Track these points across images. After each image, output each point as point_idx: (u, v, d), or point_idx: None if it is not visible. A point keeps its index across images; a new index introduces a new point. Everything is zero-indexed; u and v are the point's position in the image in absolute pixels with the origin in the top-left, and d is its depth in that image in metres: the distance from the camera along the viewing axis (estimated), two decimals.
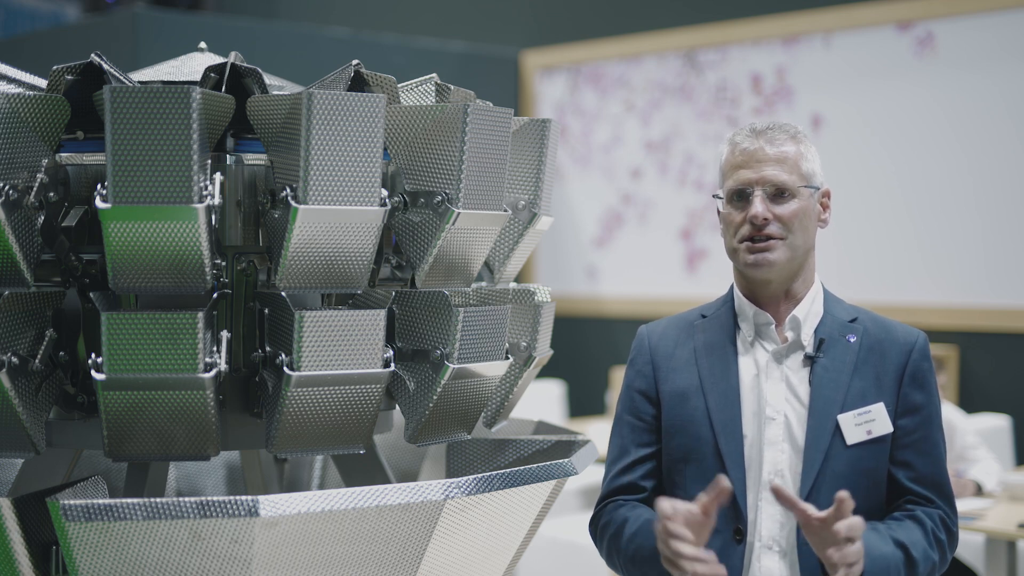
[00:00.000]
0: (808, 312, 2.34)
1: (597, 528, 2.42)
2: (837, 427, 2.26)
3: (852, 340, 2.32)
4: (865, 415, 2.26)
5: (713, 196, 2.40)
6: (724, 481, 2.06)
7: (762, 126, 2.34)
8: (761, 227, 2.28)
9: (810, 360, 2.31)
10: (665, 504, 2.09)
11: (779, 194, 2.29)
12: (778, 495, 2.06)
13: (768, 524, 2.27)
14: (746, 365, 2.34)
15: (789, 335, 2.33)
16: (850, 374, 2.29)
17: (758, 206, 2.27)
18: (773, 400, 2.30)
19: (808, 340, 2.33)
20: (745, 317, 2.37)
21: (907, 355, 2.31)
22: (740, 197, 2.31)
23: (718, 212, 2.38)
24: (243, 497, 2.09)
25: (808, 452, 2.25)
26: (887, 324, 2.36)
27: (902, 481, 2.29)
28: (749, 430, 2.30)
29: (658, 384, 2.39)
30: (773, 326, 2.34)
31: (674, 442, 2.35)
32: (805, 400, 2.29)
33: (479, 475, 2.29)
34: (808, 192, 2.31)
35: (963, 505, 4.41)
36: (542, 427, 3.07)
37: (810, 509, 2.07)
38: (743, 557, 2.26)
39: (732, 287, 2.42)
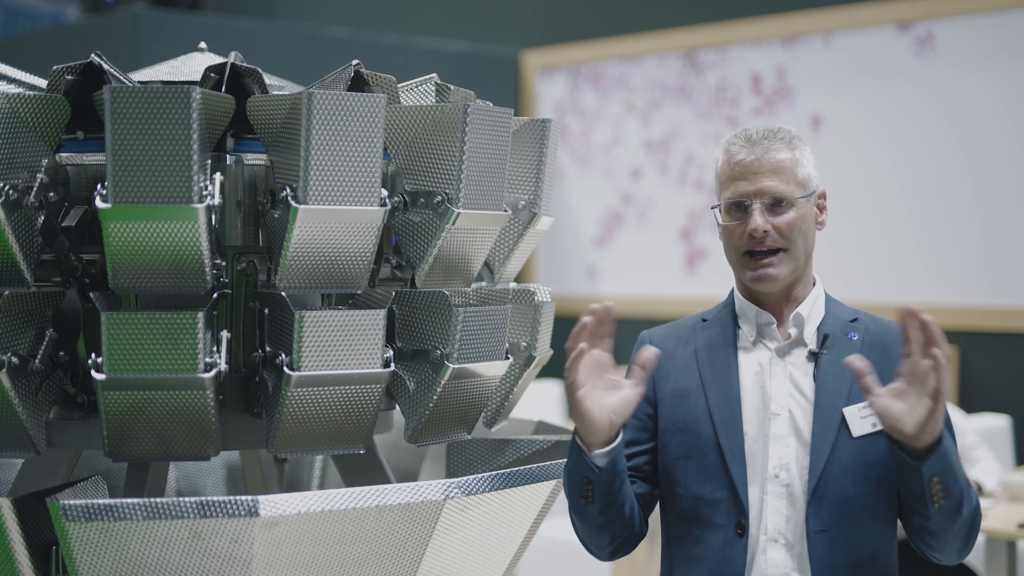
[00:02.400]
0: (811, 311, 2.37)
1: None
2: (843, 420, 2.28)
3: (854, 338, 2.35)
4: (870, 407, 2.28)
5: (711, 208, 2.41)
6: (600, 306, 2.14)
7: (757, 134, 2.34)
8: (761, 240, 2.29)
9: (814, 356, 2.33)
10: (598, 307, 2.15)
11: (777, 204, 2.31)
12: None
13: (774, 517, 2.29)
14: (747, 364, 2.36)
15: (792, 332, 2.35)
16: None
17: (757, 219, 2.29)
18: (777, 396, 2.32)
19: (811, 337, 2.35)
20: (747, 318, 2.39)
21: None
22: (738, 208, 2.33)
23: (716, 221, 2.39)
24: (243, 497, 2.09)
25: (815, 445, 2.27)
26: (887, 324, 2.39)
27: None
28: (751, 427, 2.32)
29: (657, 384, 2.41)
30: (775, 325, 2.36)
31: (675, 440, 2.36)
32: (809, 395, 2.31)
33: (479, 475, 2.29)
34: (805, 200, 2.32)
35: None
36: (542, 427, 3.07)
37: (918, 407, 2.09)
38: (746, 550, 2.28)
39: (732, 290, 2.44)
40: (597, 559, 2.42)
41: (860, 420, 2.28)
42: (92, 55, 2.39)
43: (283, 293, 2.34)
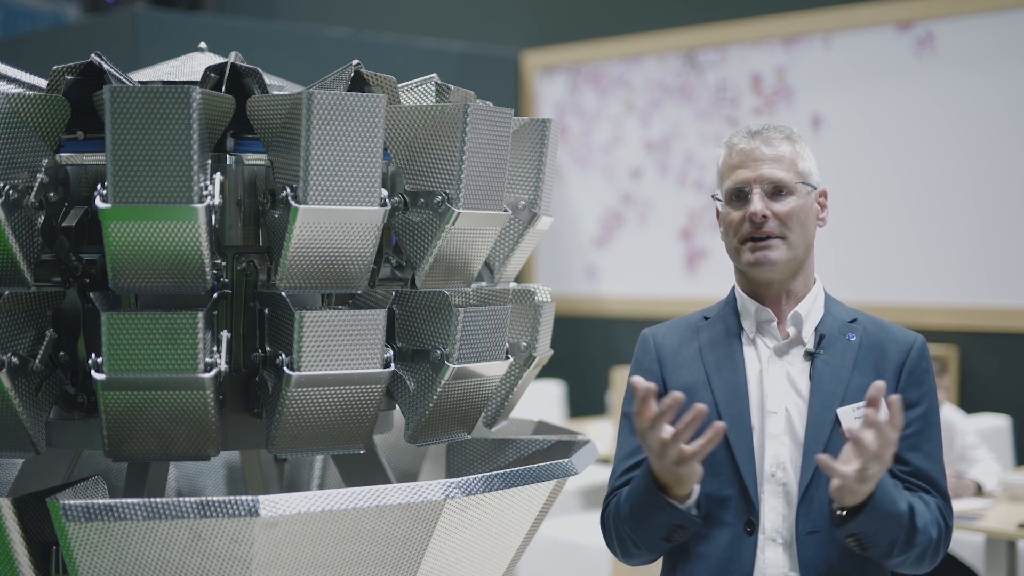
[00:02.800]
0: (810, 310, 2.37)
1: (606, 521, 2.42)
2: (837, 420, 2.29)
3: (852, 338, 2.35)
4: (864, 408, 2.28)
5: (712, 197, 2.41)
6: (720, 426, 2.11)
7: (758, 127, 2.38)
8: (760, 225, 2.30)
9: (811, 356, 2.33)
10: (639, 380, 2.12)
11: (777, 191, 2.32)
12: (825, 467, 2.09)
13: (771, 516, 2.29)
14: (750, 360, 2.36)
15: (791, 331, 2.35)
16: (850, 370, 2.32)
17: (757, 203, 2.30)
18: (774, 394, 2.32)
19: (809, 337, 2.36)
20: (747, 314, 2.39)
21: (906, 354, 2.34)
22: (739, 196, 2.33)
23: (717, 214, 2.40)
24: (243, 497, 2.09)
25: (808, 445, 2.28)
26: (886, 325, 2.40)
27: (898, 476, 2.31)
28: (755, 423, 2.32)
29: (665, 380, 2.41)
30: (774, 323, 2.37)
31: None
32: (805, 394, 2.31)
33: (479, 475, 2.29)
34: (806, 189, 2.33)
35: (963, 505, 4.41)
36: (542, 427, 3.07)
37: (844, 469, 2.10)
38: (755, 549, 2.28)
39: (733, 288, 2.44)
40: (627, 565, 2.44)
41: (854, 421, 2.28)
42: (92, 55, 2.39)
43: (283, 293, 2.34)
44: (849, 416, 2.28)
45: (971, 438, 4.86)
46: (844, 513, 2.16)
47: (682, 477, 2.16)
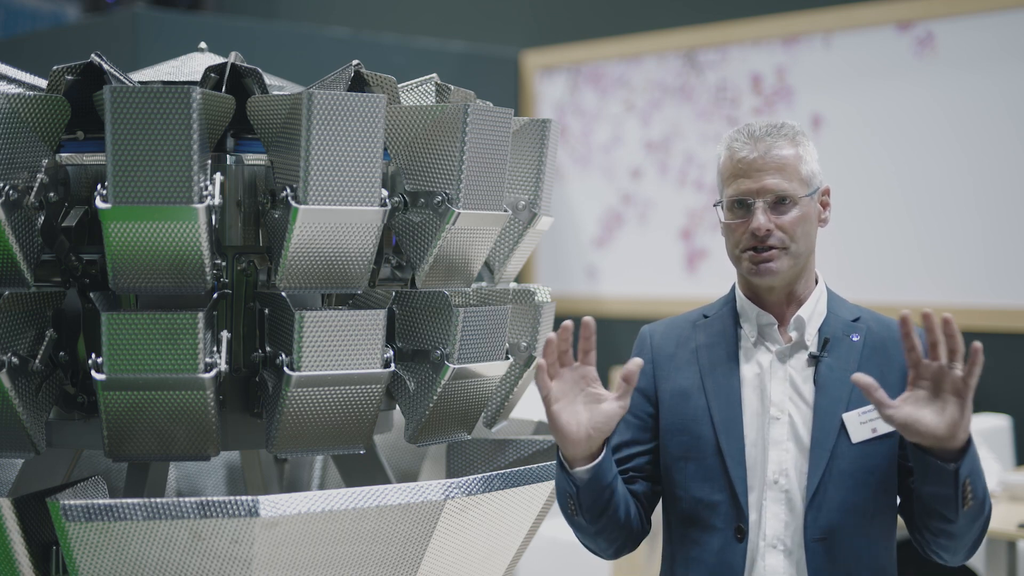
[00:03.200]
0: (812, 312, 2.34)
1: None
2: (842, 425, 2.26)
3: (856, 339, 2.32)
4: (870, 412, 2.26)
5: (714, 205, 2.39)
6: (568, 324, 2.08)
7: (760, 130, 2.31)
8: (764, 238, 2.27)
9: (814, 360, 2.31)
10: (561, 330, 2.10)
11: (780, 202, 2.28)
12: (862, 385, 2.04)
13: (773, 523, 2.27)
14: (748, 365, 2.34)
15: (793, 335, 2.32)
16: (854, 372, 2.29)
17: (760, 219, 2.26)
18: (777, 400, 2.30)
19: (812, 340, 2.33)
20: (748, 318, 2.36)
21: None
22: (741, 206, 2.30)
23: (719, 217, 2.37)
24: (243, 497, 2.09)
25: (814, 451, 2.25)
26: (889, 323, 2.36)
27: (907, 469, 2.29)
28: (750, 430, 2.30)
29: (658, 383, 2.39)
30: (776, 326, 2.34)
31: (675, 440, 2.35)
32: (809, 399, 2.29)
33: (479, 475, 2.29)
34: (809, 199, 2.30)
35: None
36: (542, 427, 3.07)
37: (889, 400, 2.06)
38: (745, 556, 2.27)
39: (734, 287, 2.42)
40: (601, 559, 2.41)
41: (860, 426, 2.26)
42: (92, 55, 2.39)
43: (283, 293, 2.34)
44: (855, 421, 2.26)
45: None
46: (952, 461, 2.07)
47: (560, 426, 2.12)
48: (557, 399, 2.13)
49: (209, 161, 2.33)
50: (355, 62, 2.48)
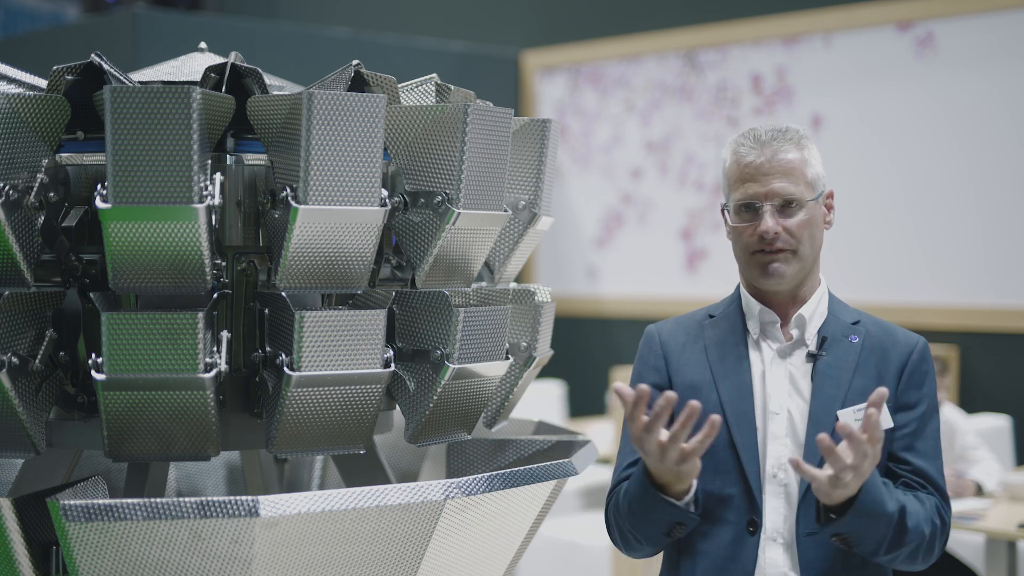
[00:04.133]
0: (814, 312, 2.38)
1: (608, 517, 2.43)
2: (837, 422, 2.28)
3: (855, 340, 2.36)
4: (864, 410, 2.28)
5: (722, 208, 2.41)
6: (717, 419, 2.11)
7: (766, 134, 2.34)
8: (772, 241, 2.30)
9: (813, 358, 2.33)
10: (623, 388, 2.11)
11: (787, 205, 2.31)
12: (796, 468, 2.12)
13: (772, 516, 2.29)
14: (754, 361, 2.37)
15: (794, 333, 2.36)
16: (851, 372, 2.32)
17: (768, 222, 2.29)
18: (776, 395, 2.33)
19: (812, 339, 2.36)
20: (752, 315, 2.40)
21: (907, 355, 2.35)
22: (748, 210, 2.33)
23: (725, 222, 2.39)
24: (243, 497, 2.09)
25: (809, 447, 2.28)
26: (889, 328, 2.40)
27: (895, 474, 2.32)
28: (758, 424, 2.33)
29: (671, 377, 2.41)
30: (778, 324, 2.37)
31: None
32: (807, 396, 2.32)
33: (479, 475, 2.29)
34: (815, 202, 2.33)
35: (963, 505, 4.41)
36: (542, 427, 3.07)
37: (816, 472, 2.13)
38: (757, 548, 2.28)
39: (738, 286, 2.45)
40: (630, 557, 2.47)
41: (854, 423, 2.28)
42: (92, 55, 2.39)
43: (283, 293, 2.33)
44: (850, 418, 2.29)
45: (971, 438, 4.86)
46: (831, 514, 2.17)
47: (683, 474, 2.17)
48: (681, 456, 2.14)
49: (209, 161, 2.33)
50: (355, 62, 2.48)
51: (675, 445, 2.11)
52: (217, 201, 2.23)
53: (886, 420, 2.30)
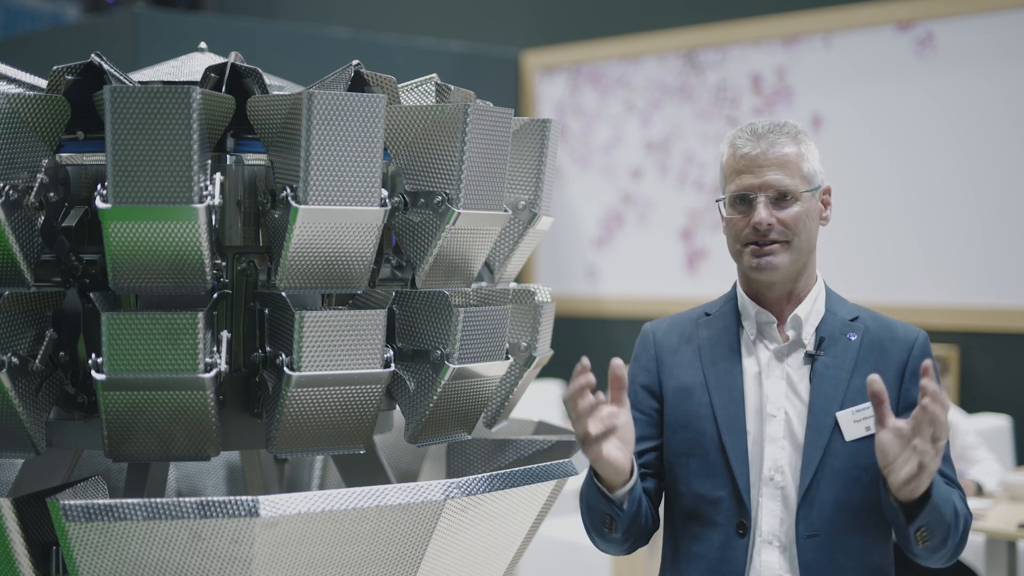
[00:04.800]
0: (810, 311, 2.36)
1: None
2: (836, 424, 2.28)
3: (853, 338, 2.34)
4: (863, 411, 2.28)
5: (716, 201, 2.41)
6: (584, 361, 2.12)
7: (763, 128, 2.34)
8: (765, 232, 2.29)
9: (811, 358, 2.32)
10: (579, 368, 2.13)
11: (782, 198, 2.30)
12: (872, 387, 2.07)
13: (768, 519, 2.28)
14: (748, 363, 2.36)
15: (790, 334, 2.34)
16: (850, 371, 2.31)
17: (762, 213, 2.28)
18: (774, 397, 2.31)
19: (809, 339, 2.34)
20: (748, 316, 2.38)
21: (908, 352, 2.33)
22: (743, 201, 2.32)
23: (720, 214, 2.39)
24: (243, 497, 2.09)
25: (807, 449, 2.27)
26: (888, 323, 2.38)
27: None
28: (751, 427, 2.31)
29: (662, 379, 2.40)
30: (775, 325, 2.35)
31: (677, 437, 2.36)
32: (805, 397, 2.30)
33: (479, 475, 2.29)
34: (810, 195, 2.32)
35: None
36: (542, 427, 3.07)
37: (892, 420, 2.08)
38: (746, 551, 2.28)
39: (735, 285, 2.43)
40: (611, 555, 2.46)
41: (853, 424, 2.28)
42: (92, 55, 2.39)
43: (283, 293, 2.33)
44: (848, 419, 2.28)
45: (971, 438, 4.87)
46: (910, 508, 2.13)
47: (609, 458, 2.16)
48: (599, 440, 2.14)
49: (209, 161, 2.33)
50: (355, 62, 2.48)
51: (581, 421, 2.11)
52: (217, 201, 2.23)
53: None
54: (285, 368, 2.26)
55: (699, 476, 2.32)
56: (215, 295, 2.39)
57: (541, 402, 6.44)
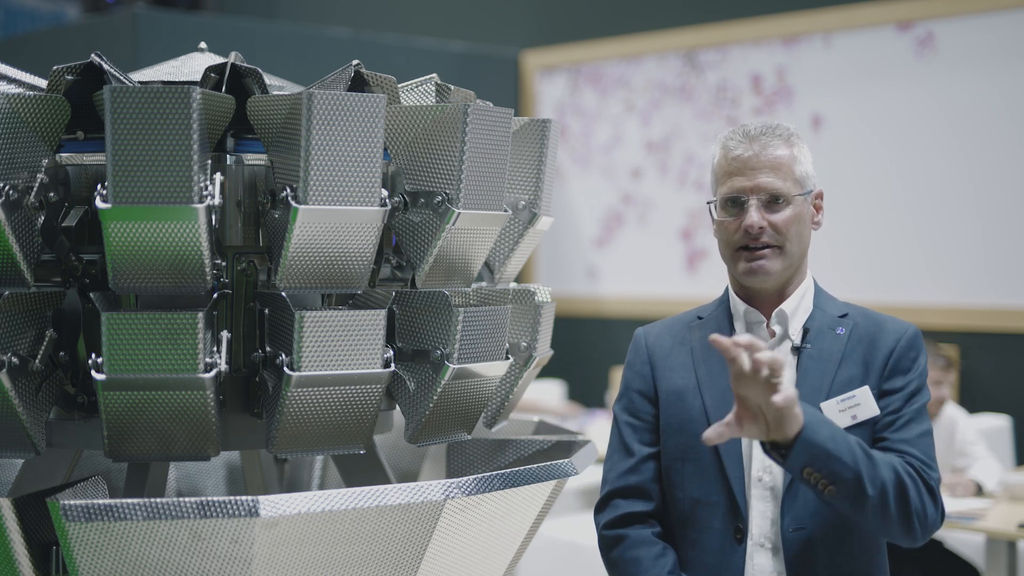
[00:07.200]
0: (797, 307, 2.34)
1: (607, 543, 2.38)
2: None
3: (841, 332, 2.32)
4: (849, 400, 2.26)
5: (708, 203, 2.40)
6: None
7: (755, 130, 2.32)
8: (757, 236, 2.28)
9: (797, 351, 2.31)
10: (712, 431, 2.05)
11: (774, 201, 2.29)
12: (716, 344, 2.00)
13: (759, 521, 2.27)
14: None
15: (776, 328, 2.33)
16: (837, 363, 2.29)
17: (754, 216, 2.27)
18: None
19: (797, 334, 2.33)
20: (737, 316, 2.38)
21: (895, 344, 2.31)
22: (734, 204, 2.31)
23: (711, 216, 2.38)
24: (243, 497, 2.09)
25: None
26: (878, 318, 2.36)
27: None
28: None
29: (656, 383, 2.39)
30: (764, 323, 2.35)
31: (672, 441, 2.35)
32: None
33: (479, 475, 2.29)
34: (802, 199, 2.31)
35: (963, 505, 4.42)
36: (542, 427, 3.07)
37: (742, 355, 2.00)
38: (744, 556, 2.27)
39: (727, 288, 2.43)
40: None
41: (839, 414, 2.26)
42: (92, 55, 2.39)
43: (283, 293, 2.33)
44: (834, 410, 2.26)
45: (971, 434, 4.88)
46: (782, 448, 2.07)
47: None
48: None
49: (209, 161, 2.33)
50: (355, 62, 2.48)
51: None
52: (217, 201, 2.23)
53: (870, 409, 2.28)
54: (285, 368, 2.26)
55: (694, 480, 2.30)
56: (215, 295, 2.39)
57: (541, 402, 6.44)
